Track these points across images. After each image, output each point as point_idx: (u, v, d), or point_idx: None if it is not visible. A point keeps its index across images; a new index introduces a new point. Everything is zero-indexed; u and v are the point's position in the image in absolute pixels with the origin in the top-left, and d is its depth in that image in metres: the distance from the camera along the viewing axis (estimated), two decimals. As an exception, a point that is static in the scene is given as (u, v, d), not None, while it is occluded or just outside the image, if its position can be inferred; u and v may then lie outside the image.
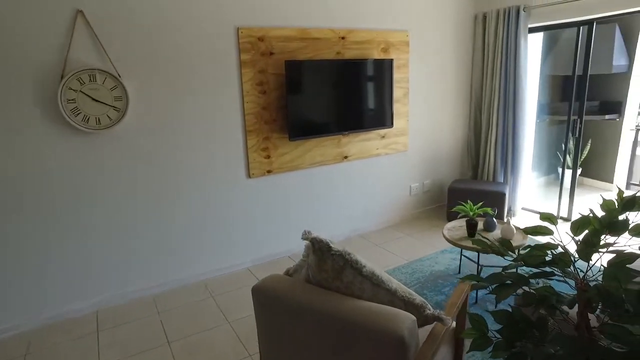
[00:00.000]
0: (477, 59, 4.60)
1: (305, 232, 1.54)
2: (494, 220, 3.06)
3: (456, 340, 1.85)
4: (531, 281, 1.06)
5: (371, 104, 3.88)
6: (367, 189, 4.19)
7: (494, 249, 1.08)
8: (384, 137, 4.16)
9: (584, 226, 0.99)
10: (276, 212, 3.65)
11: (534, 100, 4.64)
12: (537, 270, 1.02)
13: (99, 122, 2.73)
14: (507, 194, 4.20)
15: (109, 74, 2.71)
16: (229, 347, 2.55)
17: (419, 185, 4.62)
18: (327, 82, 3.57)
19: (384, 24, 3.92)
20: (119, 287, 3.05)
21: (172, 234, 3.18)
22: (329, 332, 1.42)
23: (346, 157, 3.94)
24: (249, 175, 3.42)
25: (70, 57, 2.60)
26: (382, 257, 3.69)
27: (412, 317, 1.32)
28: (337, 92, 3.63)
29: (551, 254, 1.01)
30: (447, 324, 1.41)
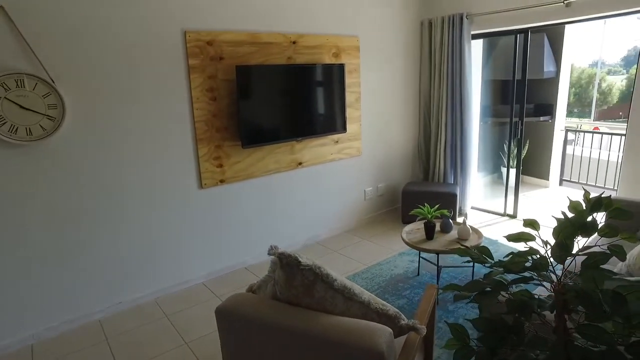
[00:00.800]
0: (424, 64, 4.73)
1: (271, 247, 1.45)
2: (450, 221, 3.12)
3: (425, 345, 1.83)
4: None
5: (324, 109, 3.85)
6: (322, 195, 4.14)
7: (474, 257, 1.06)
8: (337, 142, 4.14)
9: (565, 230, 0.99)
10: (230, 223, 3.50)
11: (477, 103, 4.85)
12: (517, 276, 1.02)
13: (30, 132, 2.46)
14: (458, 194, 4.34)
15: (40, 79, 2.45)
16: (187, 371, 2.39)
17: (373, 189, 4.65)
18: (279, 88, 3.49)
19: (335, 29, 3.91)
20: (59, 314, 2.76)
21: (118, 252, 2.94)
22: (303, 352, 1.34)
23: (300, 163, 3.88)
24: (201, 185, 3.25)
25: (-7, 61, 2.32)
26: (341, 263, 3.65)
27: (389, 330, 1.28)
28: (289, 97, 3.56)
29: (531, 259, 1.00)
30: (422, 333, 1.39)
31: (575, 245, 1.02)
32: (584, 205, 1.08)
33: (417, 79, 4.85)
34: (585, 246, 1.02)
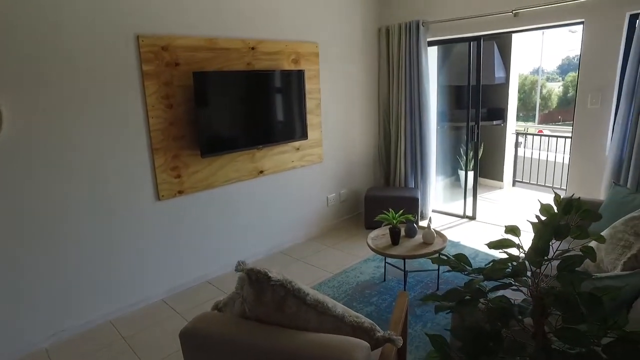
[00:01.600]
0: (383, 70, 4.79)
1: (239, 263, 1.37)
2: (415, 226, 3.15)
3: (399, 353, 1.81)
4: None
5: (284, 115, 3.79)
6: (284, 203, 4.07)
7: (453, 266, 1.04)
8: (298, 149, 4.09)
9: (541, 234, 0.99)
10: (191, 235, 3.35)
11: (434, 108, 4.97)
12: (497, 282, 1.00)
13: (-38, 146, 2.23)
14: (419, 198, 4.40)
15: (-27, 87, 2.23)
16: (148, 397, 2.23)
17: (336, 195, 4.63)
18: (238, 94, 3.39)
19: (294, 35, 3.87)
20: (-1, 344, 2.51)
21: (67, 272, 2.72)
22: (276, 373, 1.26)
23: (262, 171, 3.79)
24: (159, 197, 3.09)
25: None
26: (307, 272, 3.59)
27: (366, 345, 1.23)
28: (249, 104, 3.47)
29: (511, 265, 0.99)
30: (398, 345, 1.35)
31: (550, 248, 1.02)
32: (555, 208, 1.09)
33: (376, 85, 4.90)
34: (559, 249, 1.02)
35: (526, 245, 1.04)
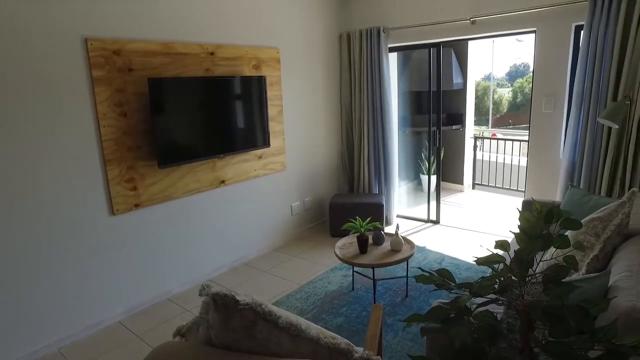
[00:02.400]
0: (344, 76, 4.77)
1: (203, 287, 1.26)
2: (382, 233, 3.12)
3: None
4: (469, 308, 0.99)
5: (246, 123, 3.67)
6: (248, 213, 3.94)
7: (438, 284, 0.99)
8: (261, 157, 3.98)
9: (525, 245, 0.95)
10: (149, 250, 3.15)
11: (396, 113, 5.00)
12: (485, 299, 0.96)
13: None
14: (384, 204, 4.40)
15: None
16: None
17: (300, 203, 4.55)
18: (197, 102, 3.25)
19: (254, 40, 3.77)
20: None
21: (8, 300, 2.46)
22: (247, 406, 1.16)
23: (223, 181, 3.65)
24: (113, 212, 2.88)
25: None
26: (273, 285, 3.47)
27: (344, 369, 1.15)
28: (209, 112, 3.33)
29: (498, 281, 0.95)
30: (376, 365, 1.28)
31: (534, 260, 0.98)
32: (535, 216, 1.06)
33: (339, 91, 4.87)
34: (542, 260, 0.99)
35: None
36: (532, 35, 3.72)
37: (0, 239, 2.40)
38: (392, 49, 4.55)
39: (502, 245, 0.97)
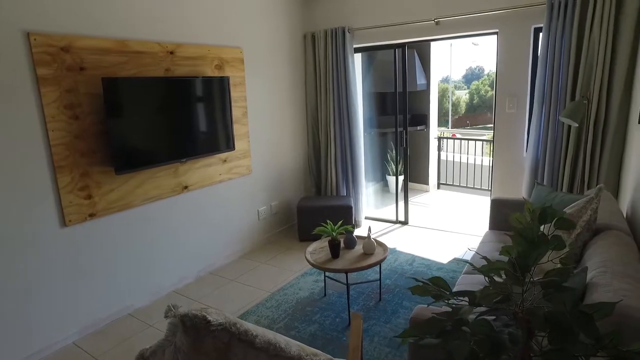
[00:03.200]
0: (309, 77, 4.69)
1: (169, 307, 1.13)
2: (354, 236, 3.05)
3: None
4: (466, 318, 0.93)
5: (209, 126, 3.51)
6: (213, 220, 3.76)
7: (435, 295, 0.91)
8: (225, 161, 3.82)
9: (522, 248, 0.89)
10: (106, 263, 2.93)
11: (361, 115, 4.97)
12: (485, 308, 0.89)
13: None
14: (353, 206, 4.34)
15: None
16: None
17: (267, 208, 4.42)
18: (157, 103, 3.06)
19: (216, 39, 3.61)
20: None
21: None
22: None
23: (186, 187, 3.46)
24: (65, 223, 2.65)
25: None
26: (241, 294, 3.32)
27: (330, 389, 1.06)
28: (169, 114, 3.15)
29: (502, 290, 0.88)
30: (362, 381, 1.20)
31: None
32: (528, 217, 1.01)
33: (304, 93, 4.78)
34: (537, 263, 0.94)
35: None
36: (489, 37, 3.80)
37: None
38: (357, 50, 4.51)
39: (507, 251, 0.91)
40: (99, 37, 2.73)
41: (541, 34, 3.43)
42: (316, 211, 4.24)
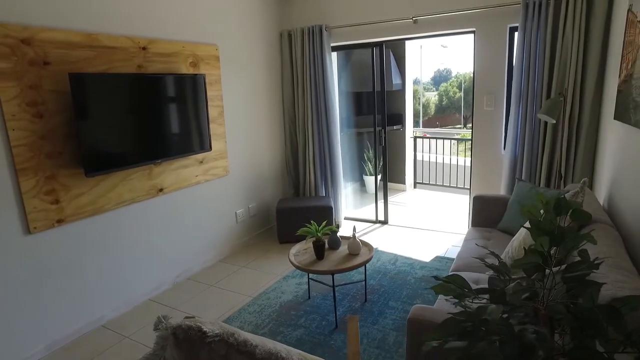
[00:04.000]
0: (286, 76, 4.60)
1: (159, 319, 1.02)
2: (338, 237, 2.98)
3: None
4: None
5: (185, 125, 3.36)
6: (190, 223, 3.61)
7: (457, 294, 0.85)
8: (202, 162, 3.68)
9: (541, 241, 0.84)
10: (76, 272, 2.73)
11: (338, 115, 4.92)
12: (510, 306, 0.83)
13: None
14: (333, 206, 4.28)
15: None
16: None
17: (245, 210, 4.29)
18: (129, 101, 2.90)
19: (191, 35, 3.47)
20: None
21: None
22: None
23: (162, 189, 3.30)
24: (29, 230, 2.45)
25: None
26: (222, 299, 3.19)
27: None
28: (143, 113, 2.99)
29: (528, 285, 0.83)
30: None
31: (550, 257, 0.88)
32: (541, 209, 0.97)
33: (281, 92, 4.69)
34: (555, 256, 0.89)
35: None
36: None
37: None
38: (334, 48, 4.46)
39: (541, 244, 0.85)
40: (65, 30, 2.55)
41: (516, 33, 3.48)
42: (296, 212, 4.15)
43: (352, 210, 5.28)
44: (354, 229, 2.97)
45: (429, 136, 8.13)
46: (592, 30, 3.17)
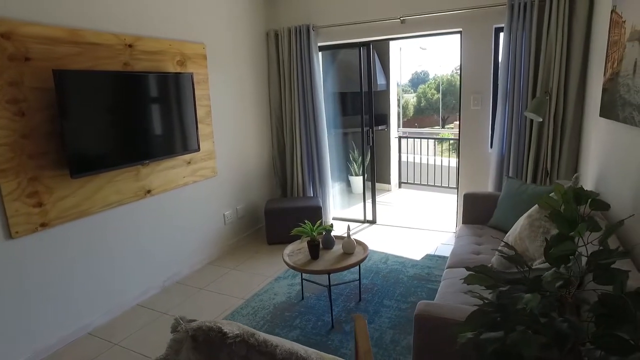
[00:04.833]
0: (273, 75, 4.55)
1: (177, 320, 0.97)
2: (332, 236, 2.96)
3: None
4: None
5: (172, 125, 3.28)
6: (178, 226, 3.52)
7: (491, 284, 0.83)
8: (190, 163, 3.59)
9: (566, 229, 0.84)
10: (60, 278, 2.62)
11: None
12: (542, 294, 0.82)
13: None
14: (322, 206, 4.25)
15: None
16: None
17: (233, 211, 4.22)
18: (116, 100, 2.81)
19: (178, 33, 3.39)
20: None
21: None
22: None
23: (149, 191, 3.21)
24: (10, 235, 2.33)
25: None
26: (214, 303, 3.12)
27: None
28: (130, 112, 2.90)
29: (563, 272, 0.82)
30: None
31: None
32: (560, 200, 0.97)
33: (267, 91, 4.64)
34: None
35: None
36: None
37: None
38: (321, 48, 4.44)
39: (579, 232, 0.85)
40: (47, 25, 2.45)
41: (502, 33, 3.54)
42: (284, 213, 4.11)
43: (339, 210, 5.27)
44: (349, 228, 2.95)
45: (413, 136, 8.20)
46: (575, 31, 3.25)
